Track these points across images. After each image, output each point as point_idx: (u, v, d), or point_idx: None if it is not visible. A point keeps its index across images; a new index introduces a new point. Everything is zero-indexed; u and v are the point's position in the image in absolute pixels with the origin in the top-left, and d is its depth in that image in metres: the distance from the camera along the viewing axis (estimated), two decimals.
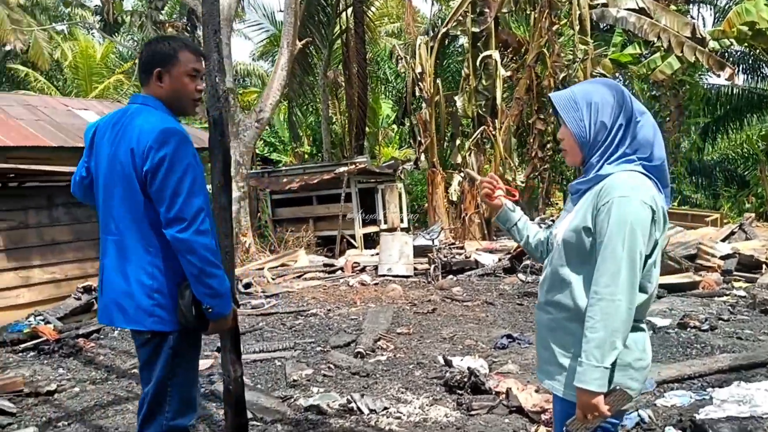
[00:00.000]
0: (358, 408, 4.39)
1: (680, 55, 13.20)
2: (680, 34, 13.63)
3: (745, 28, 15.24)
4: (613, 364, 1.90)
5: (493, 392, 4.56)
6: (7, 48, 29.76)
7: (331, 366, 5.45)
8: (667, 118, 19.92)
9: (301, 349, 6.07)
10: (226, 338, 3.72)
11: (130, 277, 2.50)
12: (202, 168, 2.54)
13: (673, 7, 16.93)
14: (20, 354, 6.19)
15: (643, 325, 2.03)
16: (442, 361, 5.39)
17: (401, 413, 4.31)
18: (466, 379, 4.71)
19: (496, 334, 6.39)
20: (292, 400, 4.63)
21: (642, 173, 1.97)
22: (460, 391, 4.66)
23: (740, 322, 6.45)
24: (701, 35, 14.00)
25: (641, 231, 1.87)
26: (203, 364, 5.53)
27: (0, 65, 30.61)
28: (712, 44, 15.30)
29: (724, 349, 5.49)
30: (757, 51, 19.34)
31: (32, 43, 25.72)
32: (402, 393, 4.75)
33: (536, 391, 4.66)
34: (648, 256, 1.93)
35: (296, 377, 5.13)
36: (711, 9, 23.95)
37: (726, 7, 22.36)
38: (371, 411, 4.36)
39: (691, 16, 20.50)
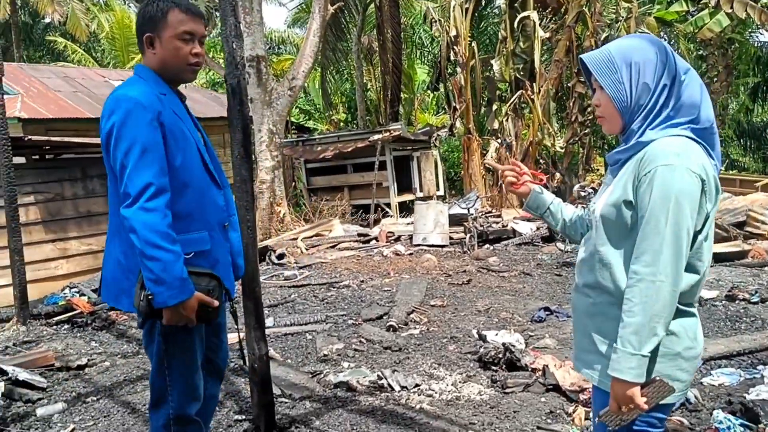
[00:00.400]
0: (389, 385, 4.25)
1: (730, 11, 12.54)
2: None
3: None
4: (655, 353, 1.71)
5: (530, 369, 4.38)
6: (47, 20, 30.16)
7: (363, 340, 5.33)
8: (715, 79, 19.12)
9: (333, 322, 5.96)
10: (251, 315, 3.61)
11: (111, 255, 2.41)
12: (159, 137, 2.26)
13: None
14: (54, 327, 6.22)
15: (694, 309, 1.81)
16: (476, 336, 5.22)
17: (433, 390, 4.17)
18: (501, 355, 4.54)
19: (533, 307, 6.19)
20: (322, 375, 4.52)
21: (689, 137, 1.75)
22: (494, 368, 4.50)
23: None
24: None
25: (689, 204, 1.66)
26: (233, 338, 5.47)
27: (40, 37, 31.02)
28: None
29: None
30: None
31: (70, 14, 25.91)
32: (434, 369, 4.60)
33: (574, 368, 4.48)
34: (698, 232, 1.72)
35: (327, 352, 5.03)
36: None
37: None
38: (402, 388, 4.22)
39: None
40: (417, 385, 4.25)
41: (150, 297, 2.20)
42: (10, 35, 28.46)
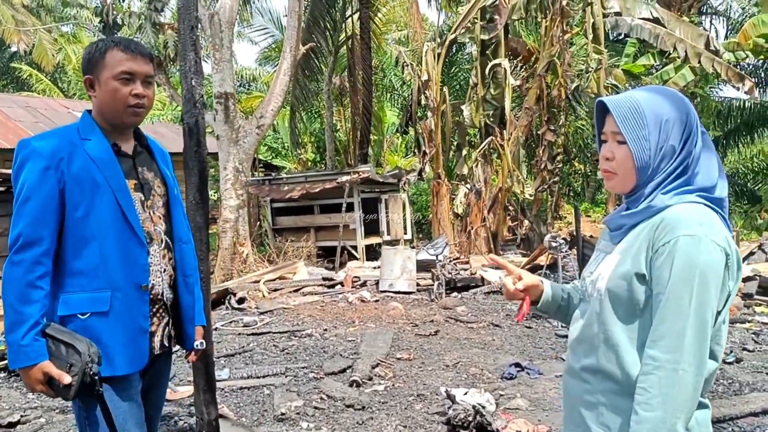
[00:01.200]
0: None
1: (697, 65, 12.76)
2: (696, 45, 13.22)
3: (761, 41, 14.81)
4: None
5: None
6: (12, 49, 29.66)
7: (324, 396, 5.00)
8: None
9: (293, 375, 5.62)
10: (201, 375, 3.30)
11: None
12: (50, 186, 2.11)
13: (685, 18, 16.55)
14: None
15: (707, 400, 1.57)
16: (444, 394, 4.94)
17: None
18: (470, 419, 4.26)
19: (503, 362, 5.94)
20: None
21: (706, 205, 1.54)
22: (464, 431, 4.22)
23: (767, 354, 5.99)
24: (715, 47, 13.59)
25: (714, 280, 1.44)
26: (185, 391, 5.11)
27: (4, 65, 30.44)
28: (727, 56, 14.89)
29: (754, 387, 5.03)
30: None
31: (36, 44, 25.53)
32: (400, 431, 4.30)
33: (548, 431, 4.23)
34: (718, 313, 1.49)
35: (284, 410, 4.69)
36: (724, 21, 23.57)
37: (739, 20, 21.99)
38: None
39: (704, 28, 20.10)
40: None
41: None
42: None
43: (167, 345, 2.41)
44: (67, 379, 2.04)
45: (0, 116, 17.67)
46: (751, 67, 21.50)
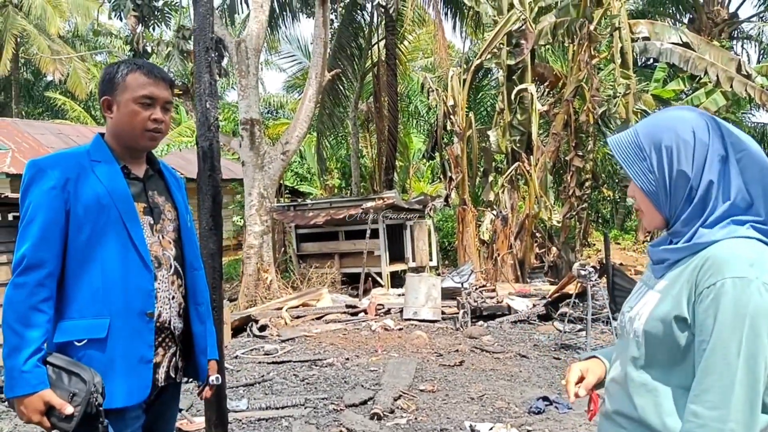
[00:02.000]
0: None
1: (729, 90, 12.51)
2: (727, 69, 12.98)
3: None
4: None
5: None
6: (48, 78, 30.37)
7: (344, 429, 4.84)
8: None
9: (312, 406, 5.46)
10: (212, 410, 3.17)
11: None
12: (57, 206, 2.04)
13: (716, 42, 16.33)
14: None
15: None
16: (469, 429, 4.74)
17: None
18: None
19: (530, 395, 5.72)
20: None
21: (761, 240, 1.37)
22: None
23: None
24: (747, 71, 13.34)
25: (766, 328, 1.27)
26: (202, 422, 4.97)
27: (40, 94, 31.19)
28: (760, 80, 14.61)
29: None
30: None
31: (71, 73, 26.12)
32: None
33: None
34: None
35: None
36: (756, 45, 23.25)
37: None
38: None
39: (735, 53, 19.82)
40: None
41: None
42: (11, 91, 28.61)
43: (174, 376, 2.30)
44: (69, 409, 1.94)
45: (32, 143, 17.98)
46: None
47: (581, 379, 1.67)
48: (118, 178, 2.16)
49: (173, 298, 2.25)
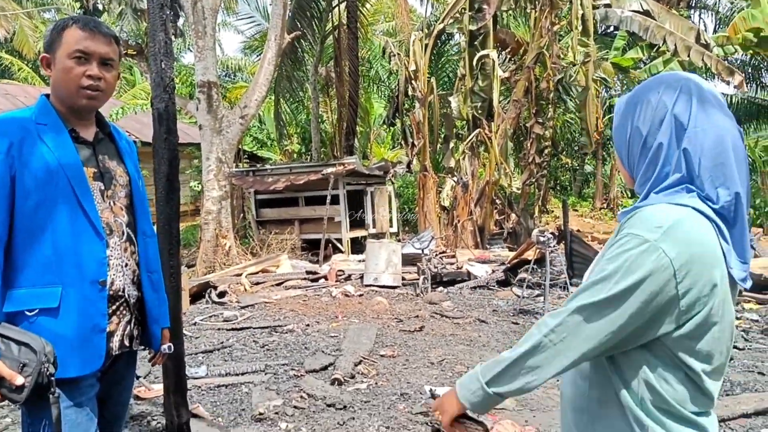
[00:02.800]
0: None
1: (687, 59, 12.64)
2: (686, 38, 13.11)
3: (750, 35, 14.78)
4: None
5: None
6: None
7: (304, 395, 4.82)
8: None
9: (273, 372, 5.44)
10: (170, 377, 3.11)
11: None
12: (2, 171, 1.95)
13: (675, 11, 16.48)
14: None
15: (703, 420, 1.36)
16: (429, 394, 4.78)
17: None
18: None
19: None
20: None
21: (698, 209, 1.31)
22: None
23: (758, 352, 5.88)
24: (706, 41, 13.50)
25: (647, 294, 1.26)
26: (160, 389, 4.91)
27: None
28: (716, 50, 14.83)
29: (746, 387, 4.91)
30: (759, 58, 18.90)
31: (17, 31, 25.06)
32: None
33: None
34: (678, 327, 1.29)
35: (263, 409, 4.50)
36: (712, 15, 23.57)
37: (728, 14, 21.98)
38: None
39: (693, 22, 20.06)
40: None
41: None
42: None
43: (129, 345, 2.23)
44: (19, 380, 1.86)
45: None
46: (738, 62, 21.51)
47: None
48: (65, 142, 2.06)
49: (126, 265, 2.17)
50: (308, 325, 7.19)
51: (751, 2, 14.89)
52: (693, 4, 22.59)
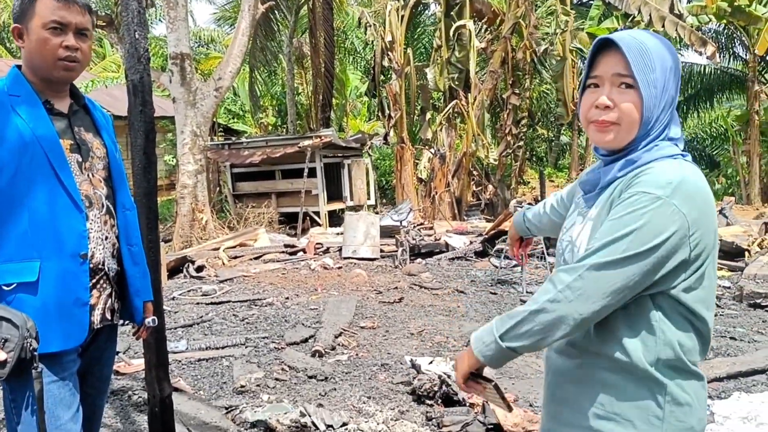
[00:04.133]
0: (313, 423, 3.79)
1: (661, 29, 12.68)
2: (660, 8, 13.15)
3: (724, 5, 14.87)
4: (663, 421, 1.38)
5: (467, 404, 4.01)
6: None
7: (285, 367, 4.84)
8: None
9: (253, 345, 5.45)
10: (151, 351, 3.10)
11: None
12: None
13: None
14: None
15: (700, 370, 1.43)
16: (409, 364, 4.82)
17: (362, 430, 3.74)
18: (436, 388, 4.15)
19: (468, 329, 5.85)
20: (238, 412, 4.00)
21: (685, 160, 1.43)
22: (429, 402, 4.12)
23: (730, 318, 6.01)
24: (679, 11, 13.56)
25: (658, 244, 1.30)
26: (140, 364, 4.90)
27: None
28: (690, 20, 14.90)
29: (718, 351, 5.03)
30: (732, 29, 19.03)
31: None
32: (364, 403, 4.17)
33: (515, 401, 4.15)
34: (684, 280, 1.36)
35: (244, 382, 4.51)
36: None
37: None
38: (328, 427, 3.77)
39: None
40: (344, 424, 3.80)
41: None
42: None
43: (110, 319, 2.22)
44: (1, 355, 1.84)
45: None
46: (711, 32, 21.62)
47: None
48: (40, 113, 2.02)
49: (106, 238, 2.15)
50: (287, 298, 7.20)
51: None
52: None
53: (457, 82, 13.49)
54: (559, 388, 1.54)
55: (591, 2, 18.55)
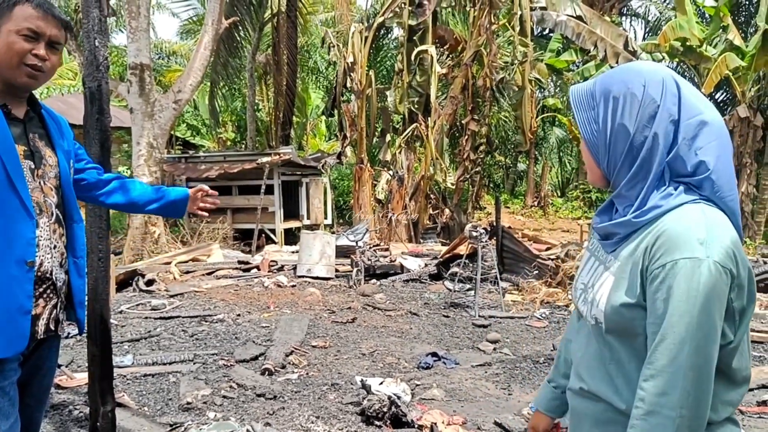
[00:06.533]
0: None
1: (616, 64, 13.07)
2: (615, 44, 13.57)
3: (677, 44, 15.40)
4: None
5: (416, 425, 4.02)
6: None
7: (234, 385, 4.77)
8: None
9: (202, 362, 5.35)
10: (96, 364, 3.03)
11: None
12: None
13: (607, 17, 17.02)
14: None
15: (737, 418, 1.38)
16: (359, 384, 4.81)
17: None
18: (385, 409, 4.14)
19: (419, 351, 5.87)
20: (183, 429, 3.93)
21: (709, 204, 1.31)
22: (378, 423, 4.10)
23: None
24: (633, 48, 14.02)
25: (718, 308, 1.22)
26: (84, 378, 4.77)
27: None
28: (645, 57, 15.40)
29: None
30: (684, 67, 19.71)
31: None
32: (312, 422, 4.13)
33: (463, 424, 4.17)
34: (733, 333, 1.29)
35: (191, 399, 4.43)
36: (642, 23, 24.45)
37: (656, 22, 22.83)
38: None
39: (624, 29, 20.76)
40: None
41: None
42: None
43: (54, 329, 2.17)
44: None
45: None
46: None
47: None
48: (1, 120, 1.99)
49: (55, 247, 2.11)
50: (239, 315, 7.11)
51: (677, 12, 15.51)
52: (624, 12, 23.37)
53: (417, 106, 13.65)
54: (580, 428, 1.49)
55: (552, 34, 19.04)
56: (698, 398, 1.22)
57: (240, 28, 17.30)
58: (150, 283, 8.36)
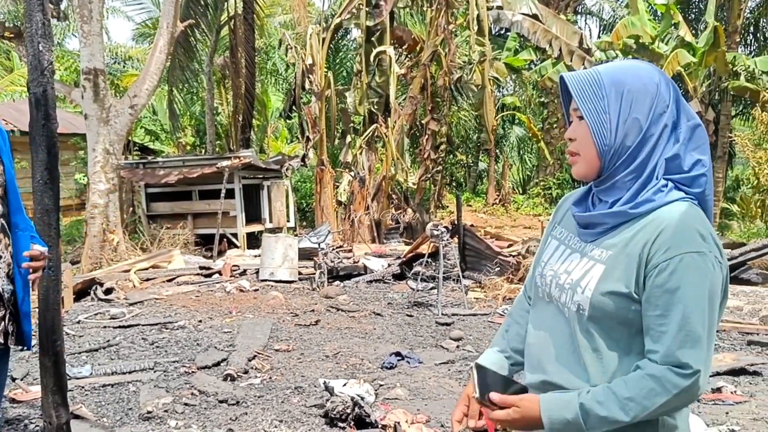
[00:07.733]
0: None
1: (570, 63, 13.29)
2: (570, 43, 13.78)
3: (630, 41, 15.72)
4: None
5: (380, 425, 4.02)
6: None
7: (195, 392, 4.72)
8: (554, 125, 20.36)
9: (162, 370, 5.28)
10: (49, 375, 2.96)
11: None
12: None
13: (563, 16, 17.27)
14: None
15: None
16: (323, 386, 4.79)
17: None
18: (349, 411, 4.13)
19: (383, 351, 5.87)
20: None
21: (696, 204, 1.38)
22: (342, 424, 4.09)
23: None
24: (588, 45, 14.24)
25: (718, 301, 1.33)
26: (38, 391, 4.66)
27: None
28: (599, 54, 15.69)
29: None
30: None
31: None
32: (275, 427, 4.11)
33: (427, 422, 4.18)
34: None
35: (151, 407, 4.36)
36: (597, 21, 24.87)
37: (610, 20, 23.25)
38: None
39: (579, 27, 21.09)
40: None
41: None
42: None
43: (3, 342, 2.11)
44: None
45: None
46: None
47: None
48: None
49: (1, 258, 2.06)
50: (201, 321, 7.02)
51: (630, 10, 15.84)
52: (579, 10, 23.74)
53: (377, 107, 13.67)
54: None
55: (508, 33, 19.24)
56: (706, 375, 1.31)
57: (196, 30, 17.10)
58: (109, 291, 8.21)
